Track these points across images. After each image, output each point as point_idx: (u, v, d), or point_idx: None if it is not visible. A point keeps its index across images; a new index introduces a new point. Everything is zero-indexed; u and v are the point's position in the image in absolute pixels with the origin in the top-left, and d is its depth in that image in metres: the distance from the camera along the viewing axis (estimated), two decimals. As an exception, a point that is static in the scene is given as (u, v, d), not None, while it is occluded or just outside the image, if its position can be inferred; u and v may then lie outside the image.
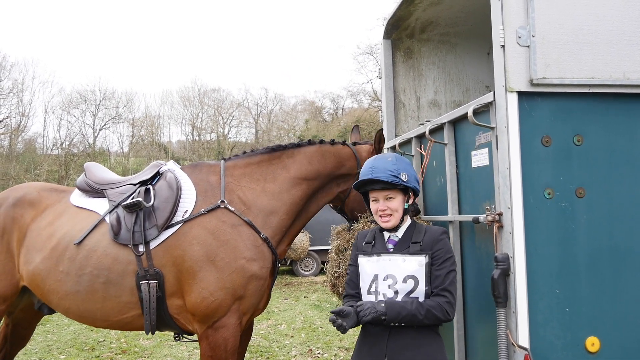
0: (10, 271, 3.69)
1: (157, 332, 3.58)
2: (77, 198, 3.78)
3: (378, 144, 3.99)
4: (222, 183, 3.54)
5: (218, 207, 3.43)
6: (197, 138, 43.70)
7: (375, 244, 2.85)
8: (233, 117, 45.05)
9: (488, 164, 3.06)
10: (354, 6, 62.09)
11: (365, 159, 3.69)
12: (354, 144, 4.09)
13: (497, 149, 2.91)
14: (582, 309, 2.85)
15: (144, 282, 3.31)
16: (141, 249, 3.35)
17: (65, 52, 61.83)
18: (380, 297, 2.70)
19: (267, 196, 3.58)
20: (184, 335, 3.63)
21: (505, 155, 2.83)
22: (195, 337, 3.56)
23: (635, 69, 2.94)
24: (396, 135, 4.67)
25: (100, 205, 3.65)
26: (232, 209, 3.42)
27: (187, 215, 3.40)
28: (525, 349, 2.71)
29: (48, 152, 36.70)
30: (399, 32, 4.75)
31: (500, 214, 2.87)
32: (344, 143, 4.03)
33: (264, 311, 10.12)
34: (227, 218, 3.39)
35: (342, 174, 3.89)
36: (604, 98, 2.96)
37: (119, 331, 8.37)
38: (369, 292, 2.75)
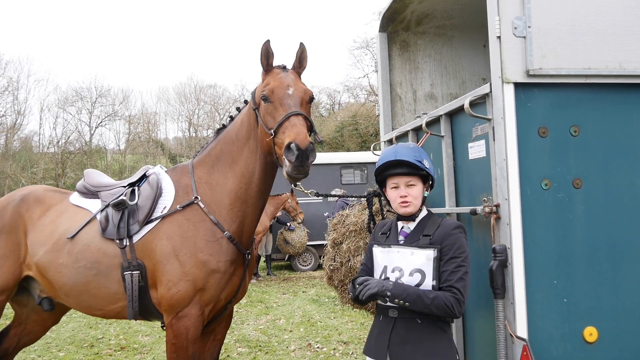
0: (12, 265, 4.01)
1: (157, 328, 3.73)
2: (76, 198, 4.12)
3: (265, 59, 3.36)
4: (192, 181, 3.72)
5: (192, 203, 3.61)
6: (194, 134, 43.70)
7: (389, 235, 2.82)
8: (230, 113, 44.99)
9: (485, 155, 3.06)
10: (350, 0, 61.96)
11: (260, 88, 3.37)
12: None
13: (493, 140, 2.90)
14: (580, 300, 2.86)
15: (127, 272, 3.58)
16: (124, 242, 3.62)
17: (60, 50, 61.67)
18: None
19: (219, 189, 3.64)
20: None
21: (502, 146, 2.83)
22: None
23: (632, 59, 2.94)
24: (393, 129, 4.67)
25: (95, 205, 3.97)
26: (202, 205, 3.59)
27: (165, 212, 3.63)
28: (523, 339, 2.72)
29: (44, 150, 36.65)
30: (395, 25, 4.74)
31: (497, 206, 2.87)
32: None
33: (263, 306, 10.15)
34: (192, 215, 3.58)
35: (252, 122, 3.48)
36: (601, 88, 2.96)
37: (118, 328, 8.39)
38: None
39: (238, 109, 3.78)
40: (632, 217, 2.95)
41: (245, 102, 3.73)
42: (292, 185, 3.39)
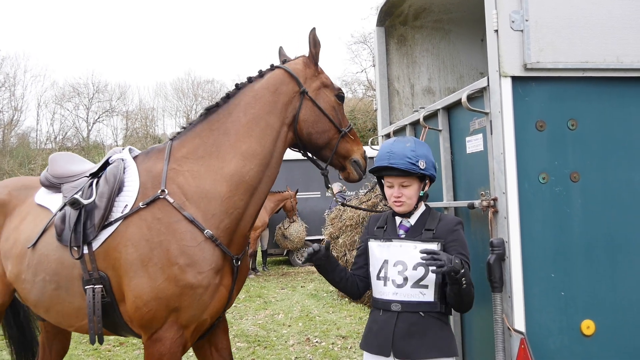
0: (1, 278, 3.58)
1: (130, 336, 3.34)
2: (41, 195, 3.49)
3: (313, 48, 3.32)
4: (164, 169, 3.08)
5: (158, 198, 2.98)
6: (192, 130, 43.58)
7: (386, 229, 2.82)
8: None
9: (482, 149, 3.06)
10: (347, -5, 61.76)
11: (303, 71, 3.28)
12: (284, 62, 3.40)
13: (491, 134, 2.90)
14: (577, 293, 2.86)
15: (88, 287, 2.99)
16: (81, 250, 3.00)
17: (57, 45, 61.45)
18: (390, 283, 2.68)
19: (210, 177, 3.04)
20: None
21: (499, 140, 2.82)
22: None
23: (629, 53, 2.94)
24: (390, 123, 4.67)
25: (55, 202, 3.35)
26: (172, 200, 2.96)
27: (126, 211, 2.99)
28: (521, 333, 2.72)
29: (42, 147, 36.57)
30: (393, 19, 4.73)
31: (495, 199, 2.87)
32: (272, 66, 3.35)
33: (262, 300, 10.16)
34: (163, 214, 2.95)
35: (284, 102, 3.20)
36: (598, 82, 2.96)
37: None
38: (378, 277, 2.74)
39: (238, 86, 3.30)
40: (630, 210, 2.95)
41: (260, 72, 3.32)
42: (326, 189, 3.45)
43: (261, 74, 3.31)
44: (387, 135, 4.43)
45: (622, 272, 2.92)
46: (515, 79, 2.84)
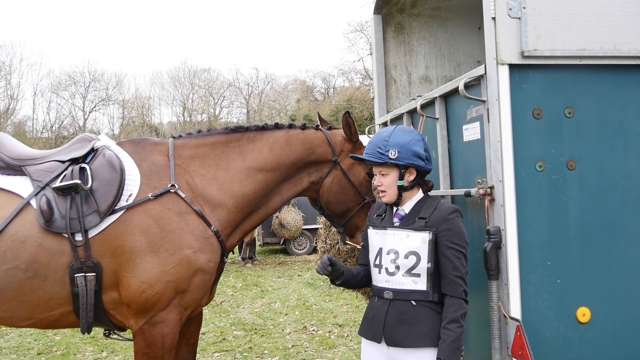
0: None
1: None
2: None
3: (348, 129, 3.62)
4: (171, 165, 3.20)
5: (168, 191, 3.10)
6: (189, 119, 43.52)
7: (384, 217, 2.82)
8: (224, 97, 44.98)
9: (479, 137, 3.05)
10: (345, -17, 61.39)
11: (341, 143, 3.59)
12: (329, 128, 3.73)
13: (488, 122, 2.90)
14: (573, 280, 2.87)
15: (79, 275, 2.93)
16: (79, 237, 2.94)
17: (53, 34, 61.08)
18: (383, 271, 2.69)
19: (216, 185, 3.26)
20: (116, 332, 3.33)
21: (496, 128, 2.82)
22: (127, 334, 3.31)
23: (626, 40, 2.93)
24: (388, 111, 4.66)
25: (21, 186, 3.09)
26: (183, 195, 3.11)
27: (130, 201, 3.03)
28: (517, 320, 2.74)
29: (38, 136, 36.49)
30: (390, 6, 4.70)
31: (491, 187, 2.87)
32: (317, 127, 3.66)
33: (259, 289, 10.18)
34: (174, 205, 3.08)
35: (313, 161, 3.53)
36: (595, 70, 2.95)
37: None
38: (374, 265, 2.76)
39: (277, 125, 3.56)
40: (625, 198, 2.95)
41: (303, 125, 3.62)
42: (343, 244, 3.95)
43: (302, 127, 3.62)
44: (384, 124, 4.42)
45: (617, 259, 2.93)
46: (512, 67, 2.83)
